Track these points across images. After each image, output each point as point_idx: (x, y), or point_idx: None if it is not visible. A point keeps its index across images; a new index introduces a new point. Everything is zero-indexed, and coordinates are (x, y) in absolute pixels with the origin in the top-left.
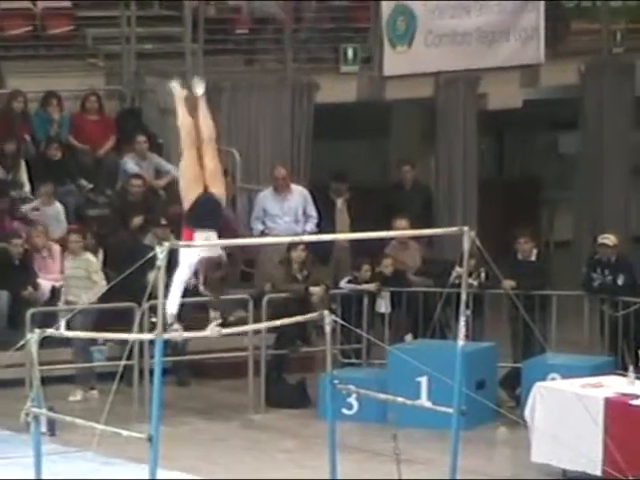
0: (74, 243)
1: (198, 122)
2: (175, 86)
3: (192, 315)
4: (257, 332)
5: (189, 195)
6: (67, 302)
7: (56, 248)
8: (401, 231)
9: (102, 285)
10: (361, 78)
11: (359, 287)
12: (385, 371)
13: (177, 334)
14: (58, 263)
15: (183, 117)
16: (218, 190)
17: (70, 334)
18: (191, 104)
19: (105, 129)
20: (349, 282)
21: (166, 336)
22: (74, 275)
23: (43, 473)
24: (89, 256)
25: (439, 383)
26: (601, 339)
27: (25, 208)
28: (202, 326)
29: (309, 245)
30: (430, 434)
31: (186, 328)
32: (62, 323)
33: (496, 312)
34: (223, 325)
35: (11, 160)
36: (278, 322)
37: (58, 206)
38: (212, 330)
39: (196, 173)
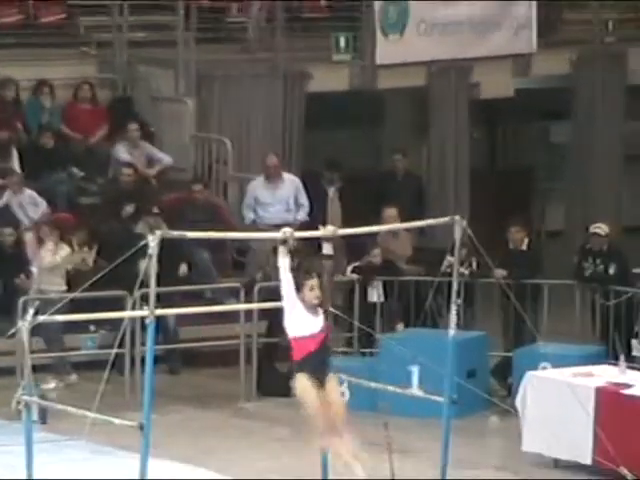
0: (46, 234)
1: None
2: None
3: (185, 302)
4: (249, 320)
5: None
6: (40, 291)
7: (51, 239)
8: (391, 219)
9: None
10: (353, 67)
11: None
12: (377, 360)
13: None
14: (51, 252)
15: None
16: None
17: (62, 319)
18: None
19: (97, 117)
20: (355, 270)
21: None
22: (47, 265)
23: (34, 461)
24: (62, 246)
25: (430, 372)
26: (592, 328)
27: None
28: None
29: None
30: (421, 423)
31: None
32: (31, 311)
33: (487, 301)
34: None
35: (2, 148)
36: (269, 305)
37: (28, 191)
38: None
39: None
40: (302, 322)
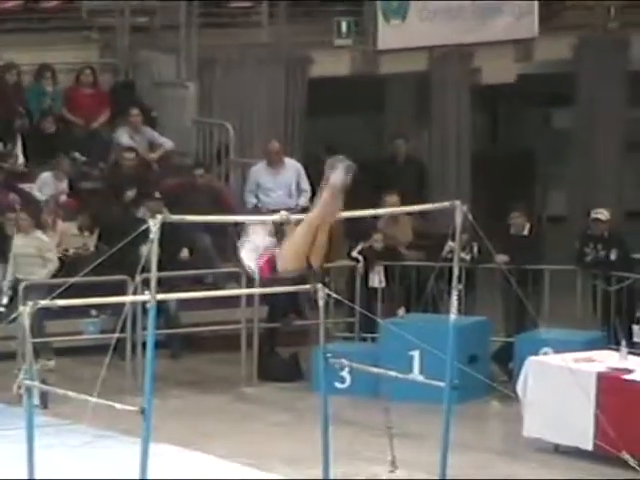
0: (23, 221)
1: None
2: (338, 173)
3: (186, 287)
4: (250, 305)
5: (292, 263)
6: (16, 280)
7: (60, 224)
8: (392, 205)
9: (55, 262)
10: (355, 52)
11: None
12: (378, 345)
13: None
14: (58, 237)
15: (328, 204)
16: (316, 262)
17: (63, 303)
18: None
19: (99, 102)
20: (360, 252)
21: None
22: (24, 253)
23: (36, 445)
24: (40, 234)
25: (431, 357)
26: (594, 314)
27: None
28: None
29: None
30: (422, 408)
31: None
32: (4, 300)
33: (489, 286)
34: None
35: (5, 132)
36: (270, 290)
37: (66, 181)
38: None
39: (306, 247)
40: None
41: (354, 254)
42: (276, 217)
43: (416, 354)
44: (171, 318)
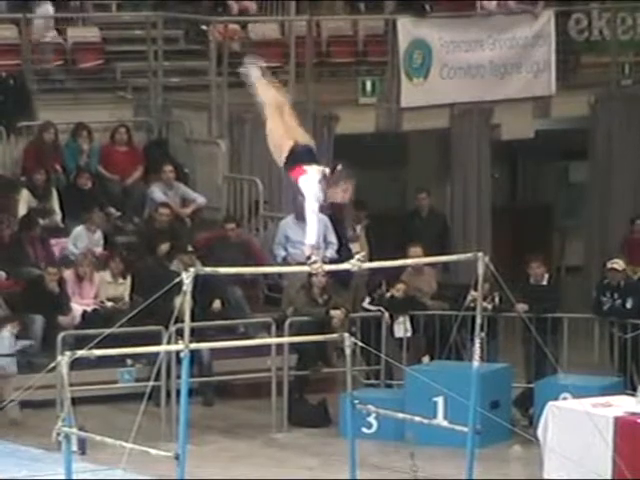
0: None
1: (276, 92)
2: (250, 67)
3: (219, 337)
4: (280, 353)
5: (283, 147)
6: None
7: (96, 275)
8: (416, 257)
9: None
10: (379, 110)
11: (378, 308)
12: (403, 391)
13: (317, 265)
14: (95, 289)
15: (266, 89)
16: (304, 139)
17: (100, 353)
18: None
19: (133, 159)
20: (371, 303)
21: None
22: None
23: None
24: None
25: (455, 403)
26: (611, 360)
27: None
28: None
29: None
30: (446, 452)
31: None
32: None
33: (510, 334)
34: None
35: (42, 189)
36: (299, 339)
37: (99, 233)
38: (353, 264)
39: (283, 130)
40: None
41: (365, 305)
42: (307, 268)
43: (440, 400)
44: (204, 367)
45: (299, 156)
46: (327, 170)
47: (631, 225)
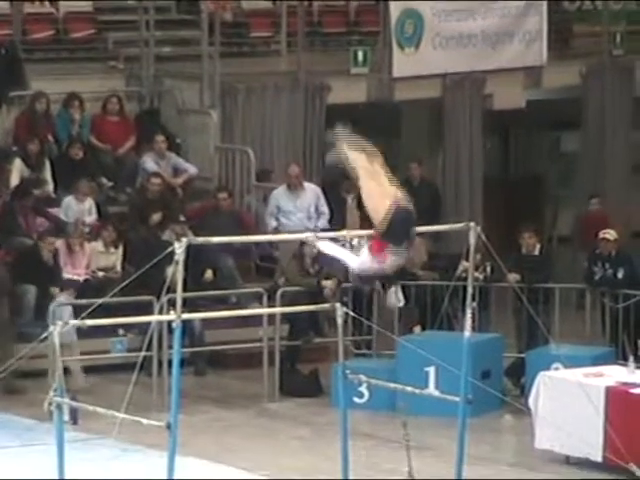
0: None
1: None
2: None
3: (210, 307)
4: (271, 324)
5: (379, 210)
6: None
7: (88, 245)
8: None
9: None
10: (371, 80)
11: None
12: (395, 361)
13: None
14: (87, 259)
15: (356, 156)
16: (398, 197)
17: (92, 323)
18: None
19: (125, 129)
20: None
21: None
22: None
23: (66, 459)
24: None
25: (446, 373)
26: (602, 330)
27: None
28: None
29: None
30: (438, 422)
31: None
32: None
33: (501, 304)
34: None
35: (35, 159)
36: (291, 309)
37: (90, 201)
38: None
39: (381, 191)
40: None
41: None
42: (302, 236)
43: (432, 370)
44: (196, 337)
45: (395, 233)
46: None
47: (588, 201)
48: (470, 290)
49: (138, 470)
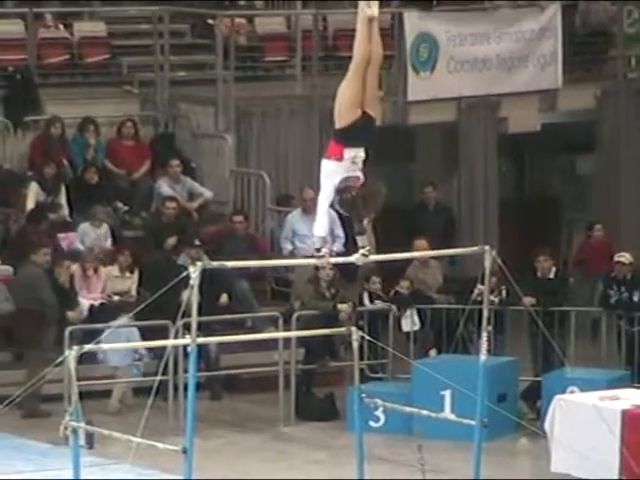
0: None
1: (372, 47)
2: (362, 6)
3: (226, 331)
4: (287, 347)
5: (347, 114)
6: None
7: (103, 269)
8: (421, 250)
9: None
10: (386, 103)
11: (385, 305)
12: (410, 385)
13: (324, 260)
14: (102, 283)
15: (362, 41)
16: (374, 112)
17: (107, 347)
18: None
19: (140, 153)
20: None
21: (313, 261)
22: None
23: None
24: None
25: (462, 396)
26: (618, 353)
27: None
28: None
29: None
30: (454, 445)
31: None
32: None
33: (517, 328)
34: None
35: (51, 183)
36: (306, 333)
37: (105, 227)
38: (358, 258)
39: (357, 95)
40: None
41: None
42: (316, 261)
43: (447, 393)
44: (211, 361)
45: (353, 136)
46: (361, 174)
47: (588, 230)
48: (486, 313)
49: None
